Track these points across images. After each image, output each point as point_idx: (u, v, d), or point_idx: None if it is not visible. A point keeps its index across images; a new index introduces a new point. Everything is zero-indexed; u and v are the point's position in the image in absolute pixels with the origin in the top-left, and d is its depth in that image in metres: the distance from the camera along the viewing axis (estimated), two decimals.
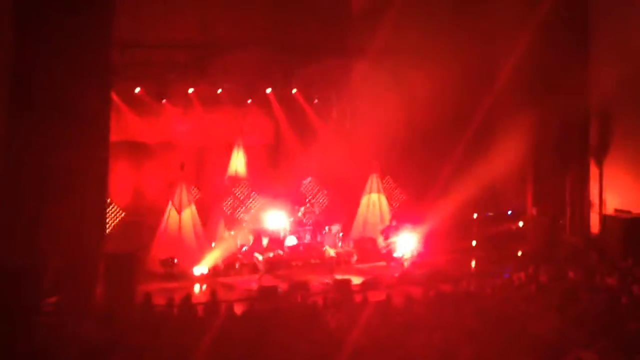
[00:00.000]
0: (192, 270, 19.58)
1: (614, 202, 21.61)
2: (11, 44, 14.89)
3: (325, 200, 24.10)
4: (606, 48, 21.68)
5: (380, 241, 22.02)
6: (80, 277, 15.77)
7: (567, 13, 21.86)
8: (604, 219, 21.43)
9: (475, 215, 22.94)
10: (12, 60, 14.91)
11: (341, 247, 21.79)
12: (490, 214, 23.16)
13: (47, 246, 15.32)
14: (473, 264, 21.11)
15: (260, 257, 20.17)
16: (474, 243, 22.35)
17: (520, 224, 22.87)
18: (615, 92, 21.18)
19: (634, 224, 20.21)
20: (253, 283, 18.91)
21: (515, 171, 22.73)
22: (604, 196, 22.06)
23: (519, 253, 21.19)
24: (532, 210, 22.83)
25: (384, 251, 21.61)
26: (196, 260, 19.77)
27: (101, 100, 16.64)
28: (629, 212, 20.76)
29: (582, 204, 22.52)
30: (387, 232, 21.98)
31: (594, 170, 22.47)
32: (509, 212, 23.18)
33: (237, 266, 20.31)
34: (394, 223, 21.92)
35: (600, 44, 22.00)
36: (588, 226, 22.35)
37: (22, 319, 13.06)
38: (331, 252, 21.38)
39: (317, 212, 23.10)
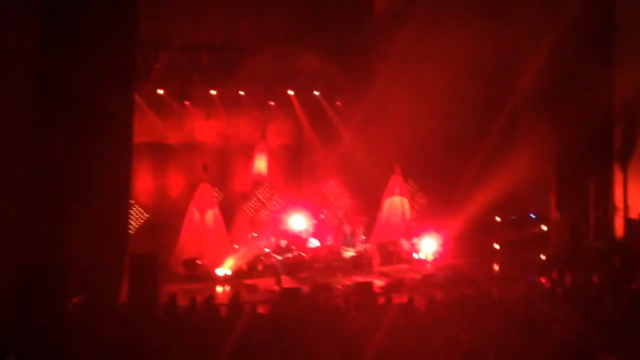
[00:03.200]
0: (215, 272, 19.65)
1: (639, 206, 21.45)
2: (36, 46, 14.96)
3: (347, 203, 24.06)
4: (632, 52, 21.54)
5: (404, 243, 22.03)
6: (104, 278, 15.88)
7: (593, 18, 21.73)
8: (629, 223, 21.29)
9: (498, 219, 22.84)
10: (37, 63, 14.99)
11: (363, 249, 21.79)
12: (513, 217, 23.06)
13: (72, 247, 15.43)
14: (496, 267, 21.02)
15: (279, 259, 20.22)
16: (496, 246, 22.24)
17: (544, 228, 22.76)
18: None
19: None
20: (275, 285, 18.93)
21: (539, 175, 22.60)
22: (628, 200, 21.91)
23: (542, 257, 21.07)
24: (556, 214, 22.70)
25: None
26: (219, 262, 19.85)
27: (125, 101, 16.73)
28: None
29: (607, 208, 22.36)
30: (409, 234, 22.02)
31: (618, 175, 22.30)
32: (532, 216, 23.07)
33: (259, 268, 20.34)
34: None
35: (626, 48, 21.85)
36: (612, 230, 22.19)
37: (47, 318, 13.14)
38: (353, 254, 21.40)
39: (339, 214, 23.10)
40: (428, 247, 21.65)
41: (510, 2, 22.72)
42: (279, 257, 20.27)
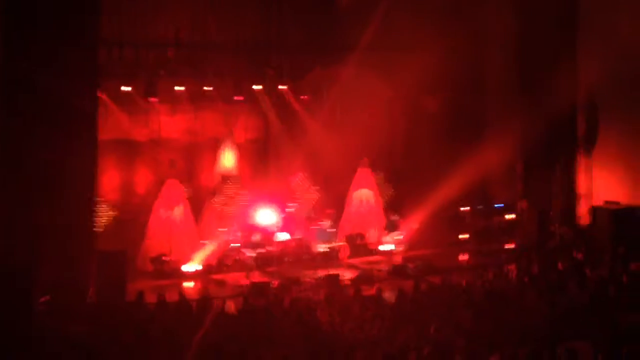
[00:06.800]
0: (183, 268, 19.61)
1: (603, 193, 21.70)
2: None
3: (315, 196, 24.04)
4: (594, 41, 21.75)
5: (372, 235, 22.08)
6: (71, 276, 15.80)
7: (556, 8, 21.92)
8: (593, 211, 21.55)
9: (465, 209, 22.98)
10: (1, 62, 14.89)
11: (332, 242, 21.81)
12: (481, 207, 23.22)
13: (39, 245, 15.33)
14: (464, 257, 21.13)
15: (251, 254, 20.21)
16: (464, 236, 22.39)
17: (511, 216, 22.94)
18: (603, 84, 21.26)
19: (623, 214, 20.31)
20: (244, 279, 18.94)
21: (505, 164, 22.78)
22: (593, 188, 22.18)
23: (510, 246, 21.24)
24: (522, 203, 22.90)
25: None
26: (187, 258, 19.80)
27: (89, 98, 16.71)
28: (617, 203, 20.86)
29: (571, 195, 22.64)
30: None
31: (582, 163, 22.55)
32: (499, 205, 23.25)
33: (228, 263, 20.33)
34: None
35: (588, 37, 22.08)
36: (577, 218, 22.46)
37: (16, 318, 13.06)
38: (322, 247, 21.43)
39: (307, 207, 23.09)
40: (397, 238, 21.74)
41: None
42: (249, 252, 20.26)
